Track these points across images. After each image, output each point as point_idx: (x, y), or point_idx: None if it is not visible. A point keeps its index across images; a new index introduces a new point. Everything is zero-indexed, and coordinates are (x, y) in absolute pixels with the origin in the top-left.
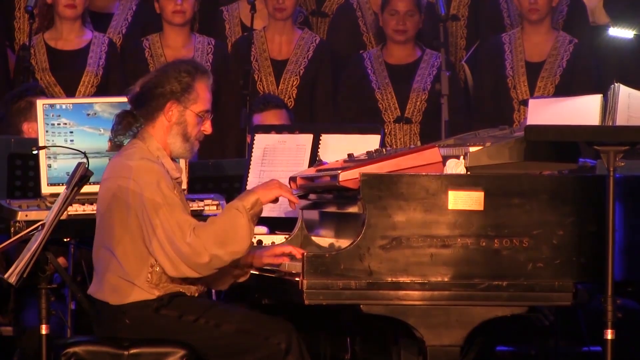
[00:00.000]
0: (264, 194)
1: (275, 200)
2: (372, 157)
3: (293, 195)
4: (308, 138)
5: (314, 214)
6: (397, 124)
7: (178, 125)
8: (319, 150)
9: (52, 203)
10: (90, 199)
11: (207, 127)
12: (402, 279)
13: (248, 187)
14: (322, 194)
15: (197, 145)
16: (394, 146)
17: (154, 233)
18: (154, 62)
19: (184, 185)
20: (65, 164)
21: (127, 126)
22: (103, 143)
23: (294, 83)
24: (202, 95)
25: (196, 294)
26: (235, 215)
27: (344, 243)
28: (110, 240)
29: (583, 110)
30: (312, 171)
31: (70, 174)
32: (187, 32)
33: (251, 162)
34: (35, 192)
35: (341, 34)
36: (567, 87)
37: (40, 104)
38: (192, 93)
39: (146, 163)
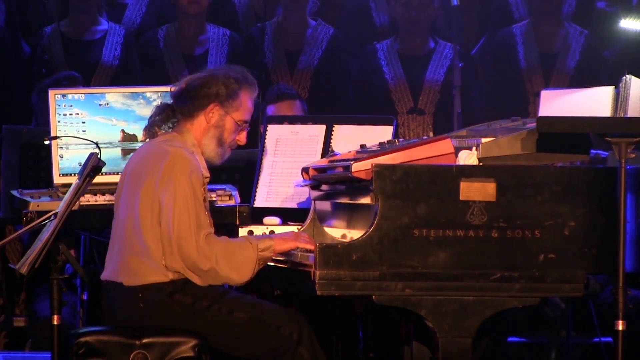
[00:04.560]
0: (279, 242)
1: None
2: (384, 148)
3: (309, 244)
4: (321, 129)
5: (326, 205)
6: (410, 115)
7: (216, 128)
8: (331, 141)
9: (64, 193)
10: (103, 189)
11: (242, 138)
12: (414, 270)
13: (260, 178)
14: (335, 184)
15: (228, 152)
16: (407, 137)
17: (166, 219)
18: (169, 53)
19: None
20: (78, 155)
21: (165, 119)
22: (115, 133)
23: (308, 74)
24: (245, 105)
25: None
26: (246, 246)
27: (356, 234)
28: (133, 221)
29: (595, 101)
30: (324, 162)
31: (82, 164)
32: (202, 22)
33: (264, 153)
34: (48, 182)
35: (354, 25)
36: (582, 79)
37: (52, 94)
38: (236, 100)
39: (184, 152)
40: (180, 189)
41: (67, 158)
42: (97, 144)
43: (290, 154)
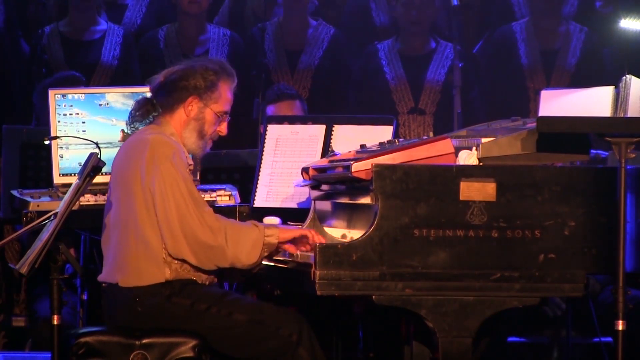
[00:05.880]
0: (284, 230)
1: (292, 240)
2: (384, 148)
3: (313, 237)
4: (321, 129)
5: (326, 205)
6: (410, 115)
7: (196, 121)
8: (331, 141)
9: (64, 193)
10: (103, 189)
11: (223, 129)
12: (413, 270)
13: (260, 178)
14: (335, 184)
15: (210, 143)
16: (408, 137)
17: (163, 205)
18: (170, 53)
19: (196, 177)
20: (78, 155)
21: (146, 113)
22: (115, 133)
23: (309, 74)
24: (224, 96)
25: (207, 283)
26: (252, 230)
27: (356, 234)
28: (126, 215)
29: (595, 101)
30: (324, 162)
31: (82, 164)
32: (202, 22)
33: (264, 153)
34: (48, 182)
35: (354, 24)
36: (582, 76)
37: (52, 94)
38: (215, 92)
39: (162, 137)
40: (166, 173)
41: (67, 158)
42: (97, 144)
43: (290, 154)
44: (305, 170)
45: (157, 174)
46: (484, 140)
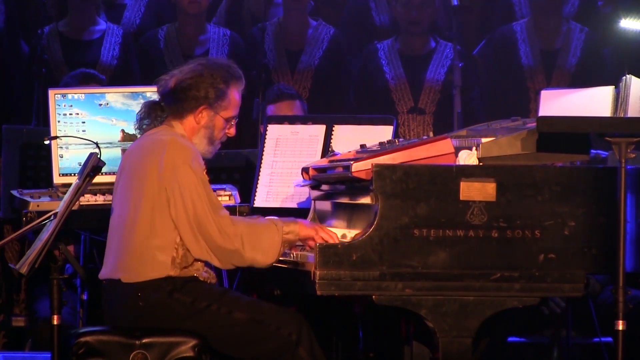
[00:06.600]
0: (303, 227)
1: (307, 239)
2: (384, 148)
3: (329, 236)
4: (321, 129)
5: (326, 205)
6: (410, 115)
7: (206, 128)
8: (331, 141)
9: (64, 193)
10: (103, 189)
11: (232, 131)
12: (413, 270)
13: (260, 178)
14: (335, 184)
15: (219, 146)
16: (408, 137)
17: (184, 210)
18: (170, 53)
19: None
20: (77, 155)
21: (155, 118)
22: (115, 133)
23: (309, 74)
24: (233, 102)
25: (208, 281)
26: (270, 228)
27: (356, 234)
28: (134, 214)
29: (595, 101)
30: (324, 162)
31: (82, 164)
32: (202, 22)
33: (264, 153)
34: (48, 182)
35: (354, 24)
36: (583, 76)
37: (52, 93)
38: (224, 100)
39: (180, 139)
40: (186, 177)
41: (67, 158)
42: (97, 144)
43: (290, 154)
44: (305, 170)
45: (176, 178)
46: (484, 140)
